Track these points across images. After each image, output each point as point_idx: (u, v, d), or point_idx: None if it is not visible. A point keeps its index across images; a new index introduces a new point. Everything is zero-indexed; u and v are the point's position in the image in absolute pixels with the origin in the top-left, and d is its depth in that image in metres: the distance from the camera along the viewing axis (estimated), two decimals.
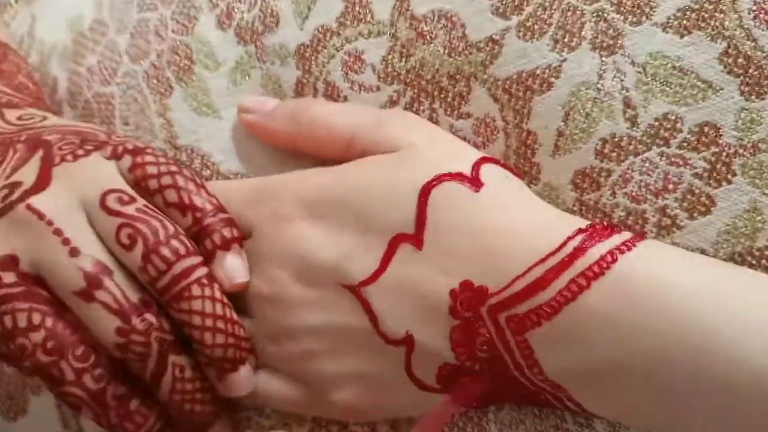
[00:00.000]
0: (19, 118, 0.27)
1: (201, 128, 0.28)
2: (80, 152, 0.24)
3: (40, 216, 0.22)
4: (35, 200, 0.22)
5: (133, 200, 0.23)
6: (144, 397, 0.24)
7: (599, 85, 0.24)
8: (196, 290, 0.22)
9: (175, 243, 0.22)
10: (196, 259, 0.23)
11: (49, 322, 0.22)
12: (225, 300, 0.23)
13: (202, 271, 0.23)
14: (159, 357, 0.23)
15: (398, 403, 0.24)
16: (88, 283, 0.22)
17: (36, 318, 0.22)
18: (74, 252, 0.22)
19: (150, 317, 0.22)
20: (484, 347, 0.21)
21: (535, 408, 0.25)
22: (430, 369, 0.22)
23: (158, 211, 0.23)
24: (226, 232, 0.24)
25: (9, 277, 0.22)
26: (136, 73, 0.29)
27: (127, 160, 0.24)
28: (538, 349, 0.21)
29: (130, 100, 0.29)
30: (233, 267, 0.23)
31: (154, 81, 0.29)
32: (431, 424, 0.23)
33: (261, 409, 0.27)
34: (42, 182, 0.23)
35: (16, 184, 0.23)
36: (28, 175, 0.23)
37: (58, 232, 0.22)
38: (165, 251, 0.22)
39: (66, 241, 0.22)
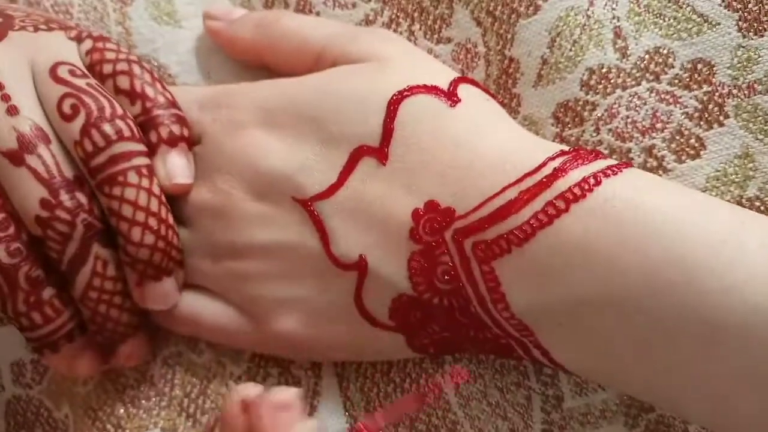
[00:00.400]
0: None
1: (160, 38, 0.26)
2: (43, 27, 0.22)
3: None
4: None
5: (85, 75, 0.21)
6: (60, 290, 0.21)
7: (589, 12, 0.22)
8: (132, 177, 0.20)
9: (119, 123, 0.20)
10: (140, 146, 0.21)
11: None
12: (163, 198, 0.21)
13: (143, 159, 0.21)
14: (82, 242, 0.20)
15: (346, 340, 0.21)
16: (20, 145, 0.20)
17: None
18: (12, 110, 0.20)
19: (80, 196, 0.20)
20: (446, 277, 0.19)
21: (495, 362, 0.23)
22: (383, 301, 0.20)
23: (109, 93, 0.21)
24: (175, 128, 0.22)
25: None
26: None
27: (87, 43, 0.23)
28: (505, 281, 0.18)
29: (89, 8, 0.27)
30: (176, 165, 0.21)
31: None
32: (393, 411, 0.20)
33: (193, 343, 0.24)
34: None
35: None
36: None
37: None
38: (107, 127, 0.20)
39: (5, 97, 0.20)
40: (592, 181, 0.18)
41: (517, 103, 0.23)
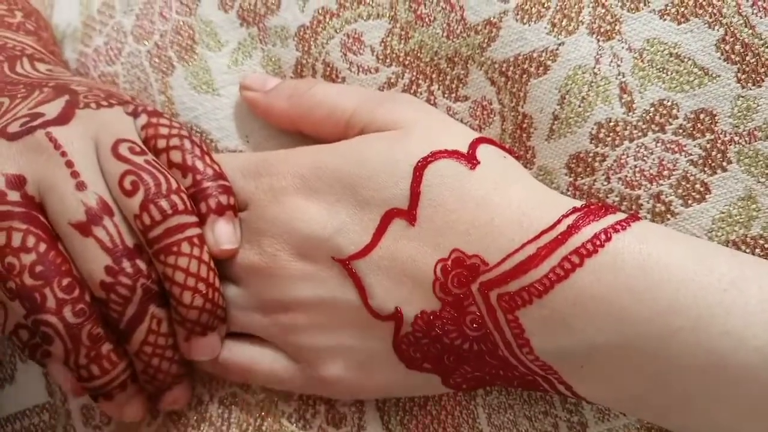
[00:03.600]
0: (49, 71, 0.27)
1: (200, 106, 0.28)
2: (104, 103, 0.25)
3: (56, 145, 0.23)
4: (54, 130, 0.23)
5: (143, 152, 0.24)
6: (116, 344, 0.23)
7: (596, 70, 0.24)
8: (185, 247, 0.23)
9: (174, 198, 0.23)
10: (192, 218, 0.23)
11: (42, 247, 0.22)
12: (212, 264, 0.23)
13: (195, 231, 0.23)
14: (140, 304, 0.23)
15: (387, 382, 0.24)
16: (88, 218, 0.22)
17: (30, 240, 0.22)
18: (81, 186, 0.23)
19: (140, 263, 0.23)
20: (474, 325, 0.21)
21: (524, 393, 0.25)
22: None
23: (165, 168, 0.24)
24: (222, 198, 0.24)
25: (13, 196, 0.22)
26: (139, 53, 0.30)
27: (143, 119, 0.25)
28: (529, 328, 0.20)
29: (133, 78, 0.29)
30: (223, 232, 0.24)
31: (156, 60, 0.29)
32: None
33: (246, 385, 0.26)
34: (64, 118, 0.23)
35: (38, 114, 0.23)
36: (51, 109, 0.24)
37: (69, 164, 0.23)
38: (163, 203, 0.23)
39: (75, 174, 0.23)
40: (603, 237, 0.20)
41: (532, 155, 0.25)
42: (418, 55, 0.26)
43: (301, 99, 0.25)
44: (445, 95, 0.26)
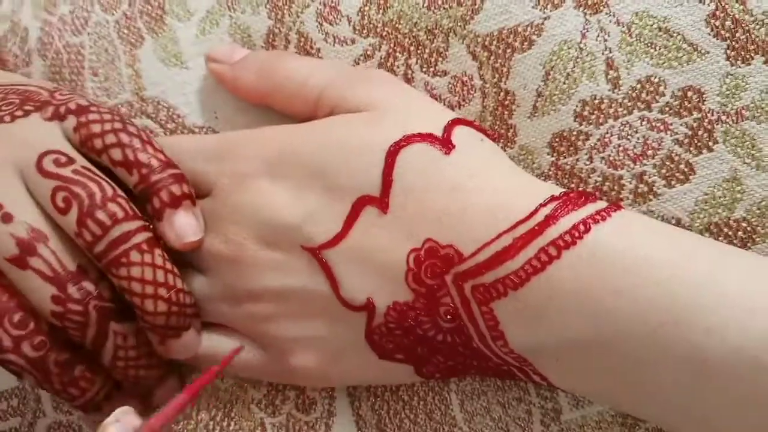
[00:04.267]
0: None
1: (168, 80, 0.27)
2: (19, 113, 0.23)
3: None
4: None
5: (70, 162, 0.22)
6: (89, 361, 0.23)
7: (582, 45, 0.23)
8: (134, 256, 0.21)
9: (112, 206, 0.21)
10: (136, 223, 0.22)
11: None
12: (168, 266, 0.22)
13: (142, 236, 0.22)
14: (99, 325, 0.22)
15: (358, 371, 0.23)
16: (21, 250, 0.21)
17: None
18: (7, 218, 0.21)
19: (87, 285, 0.22)
20: (448, 316, 0.21)
21: (498, 380, 0.24)
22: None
23: (97, 173, 0.22)
24: (175, 189, 0.22)
25: None
26: (107, 23, 0.28)
27: (71, 121, 0.23)
28: (503, 321, 0.20)
29: (100, 50, 0.28)
30: (183, 225, 0.22)
31: (125, 31, 0.28)
32: (167, 413, 0.20)
33: None
34: None
35: None
36: None
37: None
38: (100, 215, 0.21)
39: None
40: (581, 228, 0.19)
41: (514, 133, 0.24)
42: (397, 26, 0.25)
43: (269, 73, 0.24)
44: (423, 69, 0.25)
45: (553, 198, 0.20)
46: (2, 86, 0.25)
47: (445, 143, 0.21)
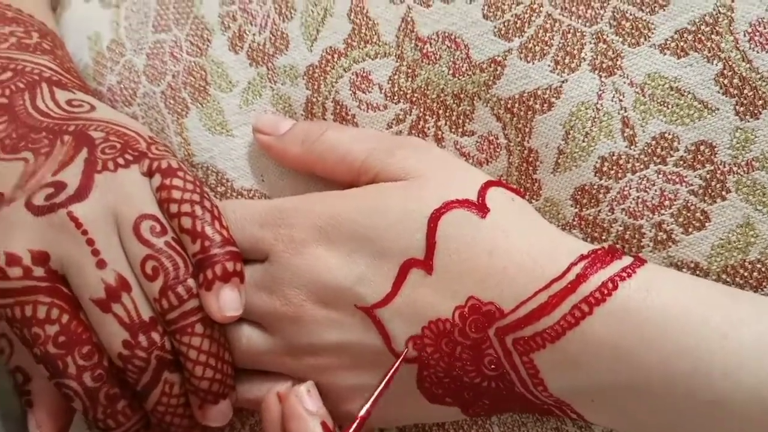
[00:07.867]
0: (69, 103, 0.28)
1: (215, 147, 0.29)
2: (121, 161, 0.26)
3: (78, 225, 0.24)
4: (75, 208, 0.24)
5: (164, 232, 0.25)
6: (131, 398, 0.25)
7: (598, 105, 0.25)
8: (198, 328, 0.24)
9: (190, 282, 0.24)
10: None
11: (65, 318, 0.24)
12: (222, 340, 0.25)
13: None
14: (154, 372, 0.24)
15: (410, 413, 0.25)
16: (108, 295, 0.24)
17: (54, 313, 0.24)
18: (101, 264, 0.24)
19: (155, 336, 0.24)
20: (492, 366, 0.23)
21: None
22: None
23: (180, 246, 0.25)
24: (229, 265, 0.24)
25: (38, 272, 0.24)
26: (154, 94, 0.30)
27: (157, 179, 0.25)
28: (543, 369, 0.22)
29: (151, 120, 0.30)
30: (228, 300, 0.24)
31: (171, 101, 0.30)
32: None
33: None
34: (83, 190, 0.24)
35: (60, 185, 0.24)
36: (72, 176, 0.25)
37: (90, 242, 0.24)
38: (180, 290, 0.24)
39: (95, 252, 0.24)
40: (610, 285, 0.21)
41: (539, 187, 0.26)
42: (425, 92, 0.27)
43: (313, 145, 0.26)
44: (452, 130, 0.27)
45: (582, 257, 0.22)
46: (103, 122, 0.27)
47: (481, 207, 0.23)
